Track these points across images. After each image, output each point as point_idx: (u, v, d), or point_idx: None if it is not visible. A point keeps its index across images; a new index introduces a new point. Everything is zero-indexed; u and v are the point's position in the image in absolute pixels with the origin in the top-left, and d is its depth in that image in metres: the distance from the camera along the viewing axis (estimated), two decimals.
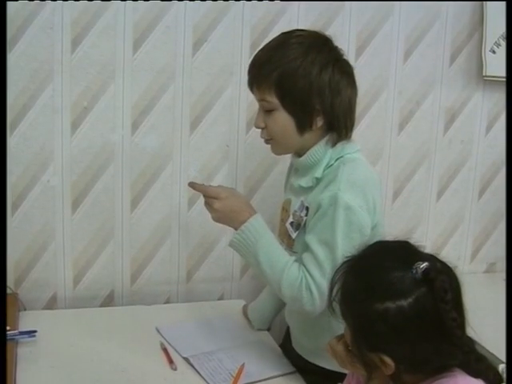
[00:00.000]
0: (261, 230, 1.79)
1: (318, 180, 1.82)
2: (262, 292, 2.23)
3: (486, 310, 1.76)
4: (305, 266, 1.74)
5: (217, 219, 1.85)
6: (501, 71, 2.55)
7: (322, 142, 1.82)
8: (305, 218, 1.82)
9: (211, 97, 2.34)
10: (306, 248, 1.76)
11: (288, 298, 1.77)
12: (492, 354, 1.79)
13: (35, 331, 1.98)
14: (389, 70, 2.53)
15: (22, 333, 1.97)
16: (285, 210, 1.96)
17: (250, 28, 2.33)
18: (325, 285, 1.66)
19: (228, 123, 2.38)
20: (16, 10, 2.11)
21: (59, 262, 2.32)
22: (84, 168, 2.28)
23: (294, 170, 1.98)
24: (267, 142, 1.88)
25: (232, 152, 2.41)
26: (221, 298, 2.51)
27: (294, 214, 1.88)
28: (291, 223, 1.88)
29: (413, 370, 1.29)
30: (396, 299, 1.24)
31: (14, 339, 1.93)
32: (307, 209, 1.82)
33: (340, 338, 1.39)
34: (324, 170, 1.81)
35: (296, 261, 1.77)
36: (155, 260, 2.42)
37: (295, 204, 1.88)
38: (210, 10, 2.28)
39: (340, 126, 1.81)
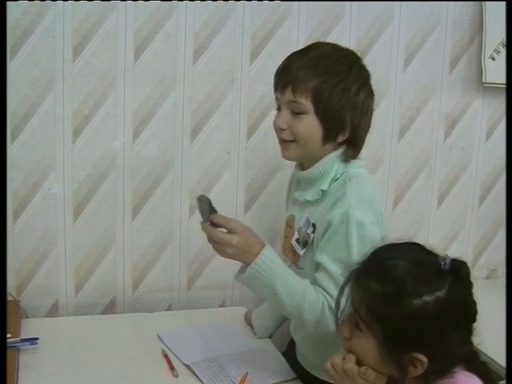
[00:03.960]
0: (275, 261, 1.74)
1: (324, 193, 1.81)
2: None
3: (487, 316, 1.75)
4: (322, 287, 1.72)
5: (230, 255, 1.75)
6: (500, 78, 2.55)
7: (334, 156, 1.82)
8: (312, 236, 1.81)
9: (212, 104, 2.35)
10: (320, 268, 1.75)
11: (311, 322, 1.72)
12: (493, 360, 1.80)
13: (37, 338, 1.97)
14: (389, 76, 2.54)
15: (23, 340, 1.97)
16: (289, 226, 1.95)
17: (250, 36, 2.34)
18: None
19: (229, 131, 2.39)
20: (17, 18, 2.12)
21: (61, 269, 2.32)
22: (85, 176, 2.28)
23: (295, 184, 1.98)
24: (285, 142, 1.85)
25: (233, 159, 2.41)
26: (222, 305, 2.51)
27: (299, 231, 1.87)
28: (297, 240, 1.87)
29: (438, 368, 1.28)
30: (432, 291, 1.25)
31: (15, 347, 1.93)
32: (314, 226, 1.81)
33: (342, 356, 1.36)
34: (330, 184, 1.81)
35: (312, 283, 1.75)
36: (156, 267, 2.42)
37: (300, 220, 1.87)
38: (211, 17, 2.29)
39: (359, 144, 1.85)
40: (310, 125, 1.79)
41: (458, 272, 1.28)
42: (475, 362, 1.35)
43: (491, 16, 2.54)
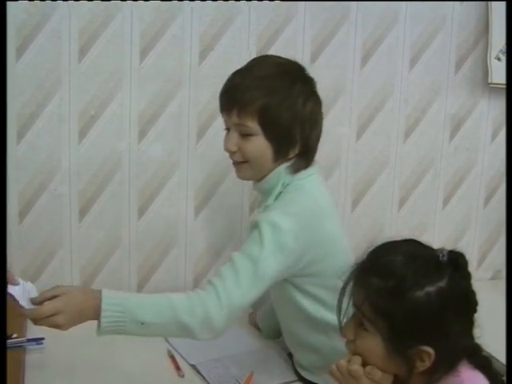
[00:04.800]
0: (119, 296, 1.62)
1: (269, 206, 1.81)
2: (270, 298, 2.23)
3: (492, 317, 1.75)
4: (219, 275, 1.65)
5: (68, 323, 1.56)
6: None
7: (281, 169, 1.80)
8: None
9: (217, 105, 2.33)
10: (229, 260, 1.69)
11: (194, 322, 1.60)
12: (498, 361, 1.79)
13: (43, 338, 1.97)
14: (394, 78, 2.54)
15: (29, 340, 1.97)
16: None
17: (256, 37, 2.34)
18: (237, 297, 1.62)
19: None
20: (23, 19, 2.12)
21: (66, 269, 2.33)
22: (91, 176, 2.29)
23: None
24: (237, 164, 1.85)
25: None
26: None
27: None
28: None
29: (443, 361, 1.29)
30: (433, 282, 1.26)
31: (21, 346, 1.94)
32: None
33: (347, 358, 1.36)
34: (276, 198, 1.80)
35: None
36: (162, 268, 2.43)
37: None
38: (216, 19, 2.29)
39: (311, 154, 1.83)
40: (259, 145, 1.77)
41: (457, 263, 1.30)
42: (478, 356, 1.36)
43: (497, 16, 2.54)
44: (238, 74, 1.83)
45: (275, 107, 1.73)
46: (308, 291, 1.80)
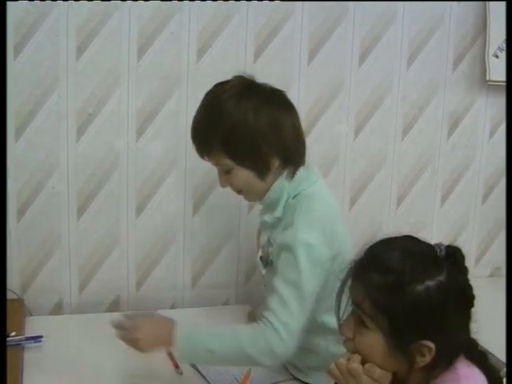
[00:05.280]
0: (192, 328, 1.77)
1: (279, 219, 1.85)
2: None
3: (491, 314, 1.75)
4: (272, 311, 1.70)
5: (144, 347, 1.72)
6: (504, 76, 2.55)
7: (280, 181, 1.83)
8: (271, 256, 1.85)
9: None
10: (272, 291, 1.75)
11: (258, 354, 1.68)
12: (495, 356, 1.79)
13: (41, 336, 1.98)
14: (392, 75, 2.54)
15: (28, 338, 1.97)
16: (258, 240, 2.01)
17: (254, 34, 2.34)
18: (293, 323, 1.67)
19: None
20: (21, 17, 2.12)
21: (65, 267, 2.33)
22: (89, 174, 2.29)
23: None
24: (238, 193, 1.91)
25: None
26: (226, 304, 2.51)
27: (262, 249, 1.92)
28: (260, 257, 1.92)
29: (442, 356, 1.29)
30: (433, 277, 1.27)
31: (20, 344, 1.94)
32: (273, 246, 1.85)
33: (347, 357, 1.35)
34: (284, 209, 1.84)
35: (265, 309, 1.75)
36: (160, 266, 2.43)
37: (263, 238, 1.92)
38: (214, 16, 2.29)
39: (294, 155, 1.84)
40: (240, 176, 1.82)
41: (454, 257, 1.31)
42: (475, 351, 1.36)
43: (495, 14, 2.54)
44: (194, 116, 1.87)
45: (231, 136, 1.76)
46: None
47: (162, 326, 1.74)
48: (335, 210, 1.87)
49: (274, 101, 1.82)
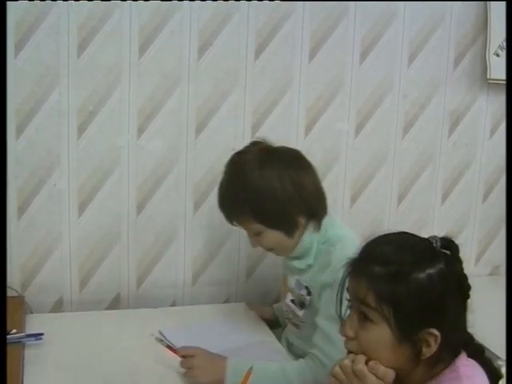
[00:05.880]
0: (241, 361, 1.81)
1: (310, 265, 1.95)
2: None
3: (491, 312, 1.76)
4: (318, 348, 1.80)
5: (200, 377, 1.82)
6: (505, 74, 2.55)
7: (308, 232, 1.94)
8: (308, 298, 1.94)
9: (216, 100, 2.35)
10: (316, 329, 1.85)
11: None
12: (498, 358, 1.80)
13: (42, 334, 1.98)
14: (393, 73, 2.54)
15: (28, 335, 1.97)
16: (284, 284, 2.10)
17: (255, 32, 2.34)
18: (336, 353, 1.68)
19: (233, 127, 2.39)
20: (22, 14, 2.12)
21: (65, 265, 2.33)
22: (90, 172, 2.29)
23: None
24: (269, 251, 2.02)
25: None
26: (226, 301, 2.51)
27: (292, 292, 2.01)
28: (292, 300, 2.00)
29: (446, 347, 1.30)
30: (433, 264, 1.29)
31: (20, 342, 1.94)
32: (307, 288, 1.94)
33: (351, 358, 1.34)
34: (315, 256, 1.94)
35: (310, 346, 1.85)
36: (161, 263, 2.43)
37: (291, 281, 2.01)
38: (215, 14, 2.29)
39: (317, 210, 1.95)
40: (270, 236, 1.93)
41: (450, 248, 1.33)
42: (472, 345, 1.38)
43: (495, 12, 2.54)
44: (221, 186, 2.00)
45: (260, 203, 1.87)
46: None
47: (217, 366, 1.82)
48: (356, 237, 1.95)
49: (294, 163, 1.94)
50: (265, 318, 2.28)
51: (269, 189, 1.87)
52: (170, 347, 1.91)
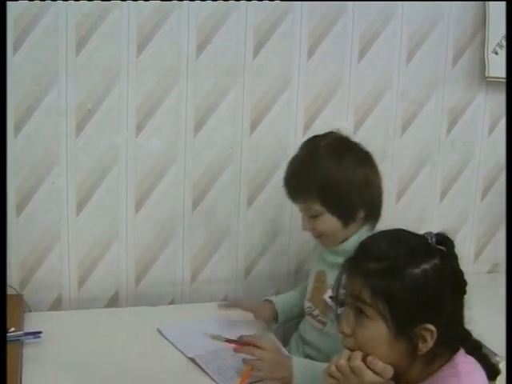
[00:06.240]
0: (308, 364, 1.84)
1: None
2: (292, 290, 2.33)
3: (489, 309, 1.76)
4: None
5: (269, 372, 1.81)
6: (503, 72, 2.55)
7: (364, 230, 1.99)
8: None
9: (215, 98, 2.35)
10: None
11: None
12: (487, 348, 1.80)
13: (40, 332, 1.97)
14: (391, 71, 2.54)
15: (27, 334, 1.96)
16: (320, 280, 2.09)
17: (254, 30, 2.34)
18: None
19: (232, 125, 2.39)
20: (20, 12, 2.12)
21: (64, 263, 2.33)
22: (89, 170, 2.28)
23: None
24: (317, 238, 2.06)
25: (236, 154, 2.41)
26: (225, 299, 2.51)
27: (333, 289, 1.94)
28: (331, 297, 1.98)
29: (443, 342, 1.30)
30: (428, 260, 1.30)
31: (19, 340, 1.93)
32: None
33: (346, 356, 1.35)
34: None
35: None
36: (160, 261, 2.43)
37: (331, 278, 1.97)
38: (214, 12, 2.29)
39: (376, 211, 2.03)
40: (327, 222, 1.97)
41: (445, 244, 1.35)
42: (470, 341, 1.39)
43: (494, 10, 2.54)
44: (292, 163, 2.04)
45: (330, 185, 1.93)
46: None
47: (283, 357, 1.83)
48: None
49: (368, 160, 2.03)
50: (262, 318, 2.21)
51: (342, 174, 1.92)
52: (229, 340, 1.90)
